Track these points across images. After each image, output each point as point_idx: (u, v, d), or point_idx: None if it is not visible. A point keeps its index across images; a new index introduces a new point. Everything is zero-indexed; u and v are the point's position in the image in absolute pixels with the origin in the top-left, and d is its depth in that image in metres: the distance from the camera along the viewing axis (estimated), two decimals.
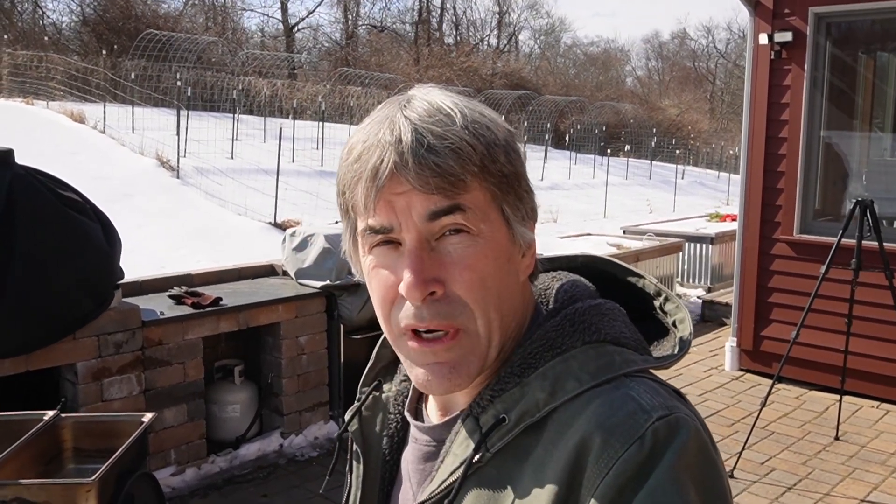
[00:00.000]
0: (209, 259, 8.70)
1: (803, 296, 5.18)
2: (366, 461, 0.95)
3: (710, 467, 0.72)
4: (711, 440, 0.75)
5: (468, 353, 0.78)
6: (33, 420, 3.01)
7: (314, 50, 38.27)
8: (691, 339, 0.85)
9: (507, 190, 0.77)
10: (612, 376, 0.76)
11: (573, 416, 0.74)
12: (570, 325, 0.80)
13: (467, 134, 0.74)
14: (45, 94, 18.47)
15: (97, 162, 12.96)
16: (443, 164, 0.72)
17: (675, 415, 0.72)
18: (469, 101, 0.78)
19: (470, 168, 0.74)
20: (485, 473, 0.77)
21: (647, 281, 0.92)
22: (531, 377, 0.77)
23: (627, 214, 15.89)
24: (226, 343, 4.79)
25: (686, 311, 0.88)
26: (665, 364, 0.82)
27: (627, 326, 0.83)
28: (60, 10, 42.81)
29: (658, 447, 0.70)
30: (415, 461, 0.88)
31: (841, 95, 5.93)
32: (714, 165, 31.27)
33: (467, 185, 0.74)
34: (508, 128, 0.80)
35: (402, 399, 0.94)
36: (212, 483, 4.20)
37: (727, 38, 50.18)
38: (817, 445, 4.79)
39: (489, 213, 0.76)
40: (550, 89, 35.05)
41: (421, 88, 0.79)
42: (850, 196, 5.71)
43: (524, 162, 0.81)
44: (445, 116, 0.74)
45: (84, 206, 3.75)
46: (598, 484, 0.69)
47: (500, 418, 0.77)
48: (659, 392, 0.76)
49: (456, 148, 0.73)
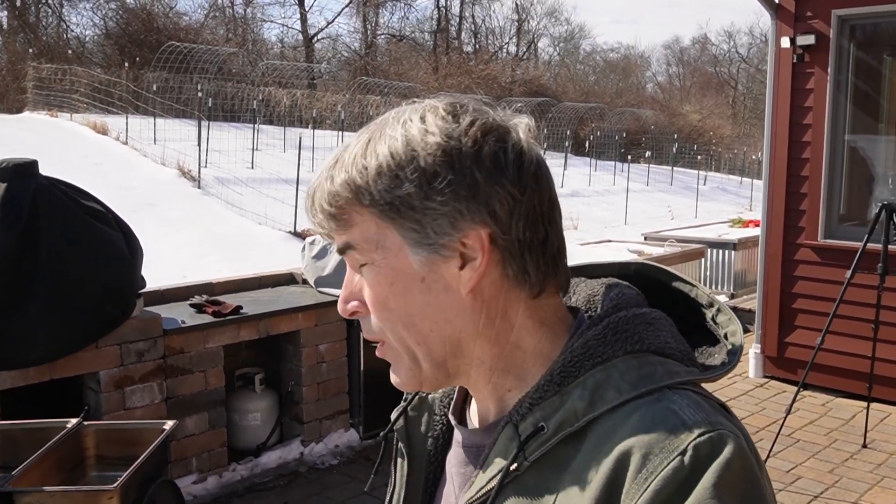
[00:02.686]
0: (230, 268, 8.75)
1: (828, 301, 5.10)
2: (410, 460, 0.95)
3: (753, 487, 0.70)
4: (757, 458, 0.73)
5: (396, 361, 0.84)
6: (57, 428, 3.03)
7: (333, 60, 38.52)
8: (741, 351, 0.83)
9: (394, 216, 0.77)
10: (653, 388, 0.74)
11: (613, 428, 0.73)
12: (612, 333, 0.78)
13: (341, 185, 0.78)
14: (69, 107, 18.70)
15: (120, 172, 13.10)
16: (318, 220, 0.81)
17: (718, 431, 0.70)
18: (380, 127, 0.80)
19: (344, 209, 0.79)
20: (523, 482, 0.77)
21: (699, 291, 0.90)
22: (571, 386, 0.76)
23: (649, 221, 15.79)
24: (246, 351, 4.81)
25: (738, 323, 0.86)
26: (712, 377, 0.80)
27: (674, 336, 0.81)
28: (84, 23, 43.37)
29: (699, 464, 0.68)
30: (458, 464, 0.88)
31: (865, 98, 5.86)
32: (736, 171, 31.05)
33: (349, 222, 0.79)
34: (412, 148, 0.76)
35: (448, 401, 0.95)
36: (233, 491, 4.21)
37: (749, 42, 49.88)
38: (844, 453, 4.71)
39: (382, 240, 0.79)
40: (570, 96, 34.99)
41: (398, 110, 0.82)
42: (876, 200, 5.64)
43: (435, 176, 0.76)
44: (330, 169, 0.80)
45: (106, 215, 3.79)
46: (637, 500, 0.68)
47: (539, 427, 0.76)
48: (702, 406, 0.74)
49: (324, 204, 0.79)
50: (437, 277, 0.79)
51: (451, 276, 0.78)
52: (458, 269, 0.78)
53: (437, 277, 0.79)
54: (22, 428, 3.07)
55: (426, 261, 0.78)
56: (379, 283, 0.80)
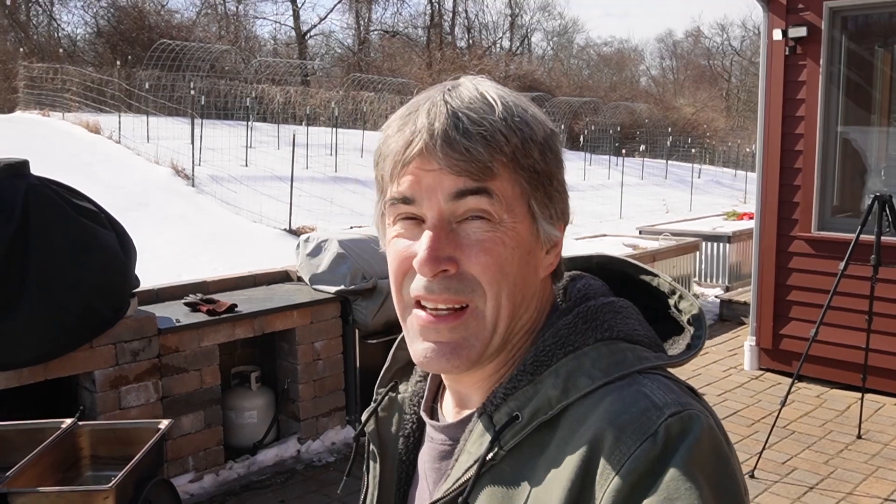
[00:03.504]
0: (225, 266, 8.73)
1: (822, 293, 5.12)
2: (382, 461, 0.96)
3: (723, 464, 0.72)
4: (726, 437, 0.74)
5: (472, 335, 0.79)
6: (51, 428, 3.03)
7: (326, 56, 38.44)
8: (705, 336, 0.85)
9: (537, 186, 0.79)
10: (624, 373, 0.76)
11: (586, 414, 0.74)
12: (582, 322, 0.80)
13: (503, 125, 0.76)
14: (61, 106, 18.60)
15: (113, 171, 13.04)
16: (472, 148, 0.74)
17: (687, 411, 0.72)
18: (517, 97, 0.80)
19: (499, 157, 0.76)
20: (499, 471, 0.78)
21: (661, 280, 0.92)
22: (544, 375, 0.78)
23: (643, 215, 15.79)
24: (242, 349, 4.80)
25: (700, 308, 0.88)
26: (679, 361, 0.82)
27: (641, 324, 0.83)
28: (75, 22, 43.29)
29: (670, 443, 0.69)
30: (431, 460, 0.89)
31: (857, 90, 5.86)
32: (731, 164, 31.06)
33: (494, 174, 0.76)
34: (552, 128, 0.81)
35: (418, 399, 0.95)
36: (230, 489, 4.21)
37: (742, 35, 49.86)
38: (839, 444, 4.73)
39: (514, 204, 0.78)
40: (564, 91, 34.97)
41: (472, 77, 0.82)
42: (869, 191, 5.66)
43: (562, 165, 0.83)
44: (486, 105, 0.77)
45: (99, 215, 3.78)
46: (611, 480, 0.69)
47: (514, 416, 0.77)
48: (672, 389, 0.75)
49: (488, 135, 0.75)
50: (535, 256, 0.81)
51: (539, 258, 0.81)
52: (546, 252, 0.82)
53: (535, 256, 0.81)
54: (16, 428, 3.06)
55: (540, 237, 0.81)
56: (504, 243, 0.77)
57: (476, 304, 0.78)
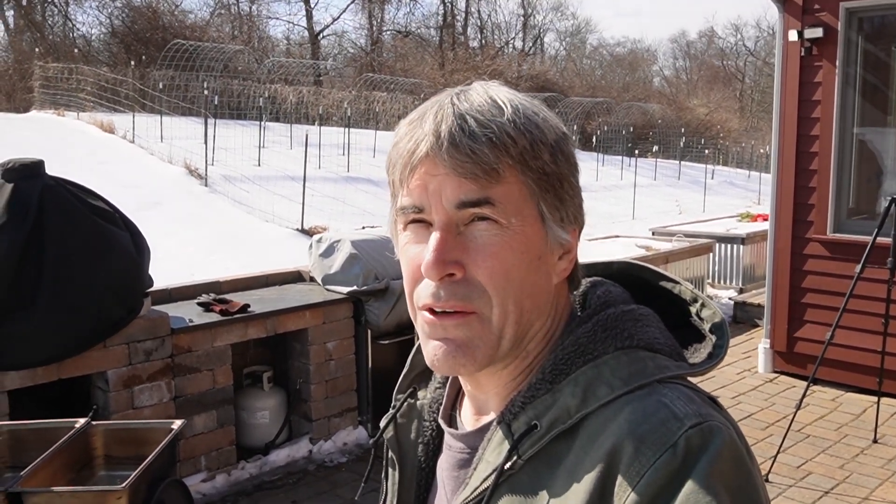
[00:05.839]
0: (237, 266, 8.75)
1: (838, 296, 5.08)
2: (401, 468, 0.95)
3: (744, 476, 0.70)
4: (747, 448, 0.73)
5: (476, 336, 0.78)
6: (65, 428, 3.04)
7: (339, 56, 38.49)
8: (727, 345, 0.83)
9: (547, 188, 0.78)
10: (644, 382, 0.75)
11: (605, 423, 0.73)
12: (602, 330, 0.79)
13: (512, 127, 0.75)
14: (76, 106, 18.73)
15: (127, 171, 13.11)
16: (477, 150, 0.74)
17: (708, 423, 0.71)
18: (529, 101, 0.80)
19: (506, 160, 0.75)
20: (517, 480, 0.77)
21: (683, 287, 0.90)
22: (563, 383, 0.77)
23: (656, 216, 15.73)
24: (254, 349, 4.81)
25: (723, 317, 0.86)
26: (700, 371, 0.80)
27: (661, 332, 0.82)
28: (90, 22, 43.55)
29: (691, 455, 0.68)
30: (449, 468, 0.88)
31: (874, 91, 5.81)
32: (744, 165, 30.89)
33: (501, 176, 0.75)
34: (565, 131, 0.81)
35: (437, 406, 0.95)
36: (242, 489, 4.21)
37: (756, 35, 49.62)
38: (855, 448, 4.69)
39: (523, 207, 0.77)
40: (577, 91, 34.90)
41: (484, 82, 0.81)
42: (885, 193, 5.60)
43: (576, 168, 0.82)
44: (496, 108, 0.76)
45: (113, 214, 3.79)
46: (630, 492, 0.68)
47: (532, 425, 0.77)
48: (693, 399, 0.74)
49: (495, 137, 0.74)
50: (546, 261, 0.80)
51: (552, 263, 0.80)
52: (559, 258, 0.81)
53: (546, 261, 0.80)
54: (30, 428, 3.08)
55: (551, 242, 0.79)
56: (511, 248, 0.76)
57: (482, 310, 0.77)
